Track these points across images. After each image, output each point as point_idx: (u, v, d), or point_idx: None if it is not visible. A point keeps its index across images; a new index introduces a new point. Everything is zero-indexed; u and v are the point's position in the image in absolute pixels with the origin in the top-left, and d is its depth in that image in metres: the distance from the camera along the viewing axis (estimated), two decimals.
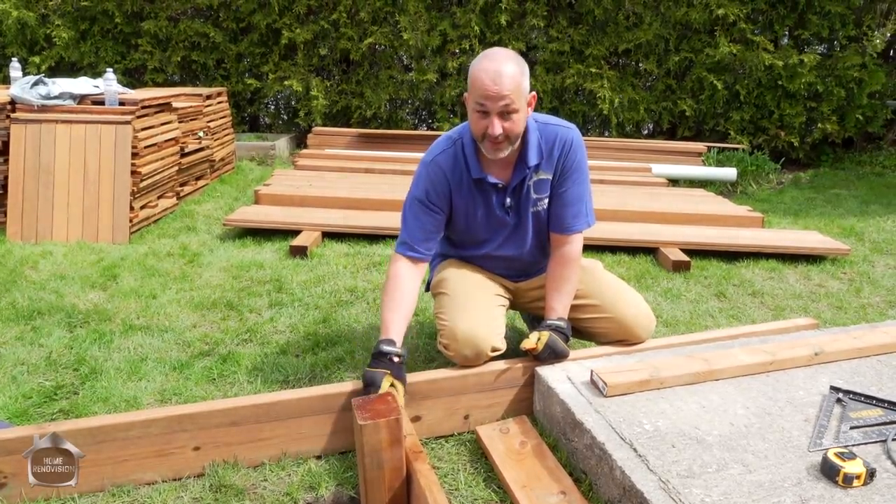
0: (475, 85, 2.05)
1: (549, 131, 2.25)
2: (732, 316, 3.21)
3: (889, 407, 1.93)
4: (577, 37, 7.14)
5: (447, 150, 2.28)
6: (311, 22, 7.40)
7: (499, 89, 2.01)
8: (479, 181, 2.25)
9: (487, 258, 2.42)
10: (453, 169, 2.26)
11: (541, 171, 2.27)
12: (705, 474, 1.64)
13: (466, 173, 2.25)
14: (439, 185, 2.26)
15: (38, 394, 2.38)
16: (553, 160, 2.26)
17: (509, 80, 2.02)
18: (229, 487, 1.90)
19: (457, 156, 2.26)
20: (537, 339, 2.20)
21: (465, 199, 2.29)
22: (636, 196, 5.09)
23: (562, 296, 2.31)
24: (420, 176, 2.29)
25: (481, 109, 2.07)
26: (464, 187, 2.27)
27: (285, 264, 3.80)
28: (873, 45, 6.92)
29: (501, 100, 2.03)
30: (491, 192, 2.28)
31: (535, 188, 2.29)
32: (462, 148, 2.25)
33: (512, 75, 2.03)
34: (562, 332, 2.25)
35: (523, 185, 2.28)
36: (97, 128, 4.28)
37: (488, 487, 1.92)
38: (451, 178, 2.26)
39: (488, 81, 2.01)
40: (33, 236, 4.15)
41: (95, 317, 3.03)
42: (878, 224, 4.93)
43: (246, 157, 6.98)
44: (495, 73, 2.01)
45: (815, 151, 7.45)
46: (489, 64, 2.03)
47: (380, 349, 2.05)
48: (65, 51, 7.62)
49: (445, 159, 2.27)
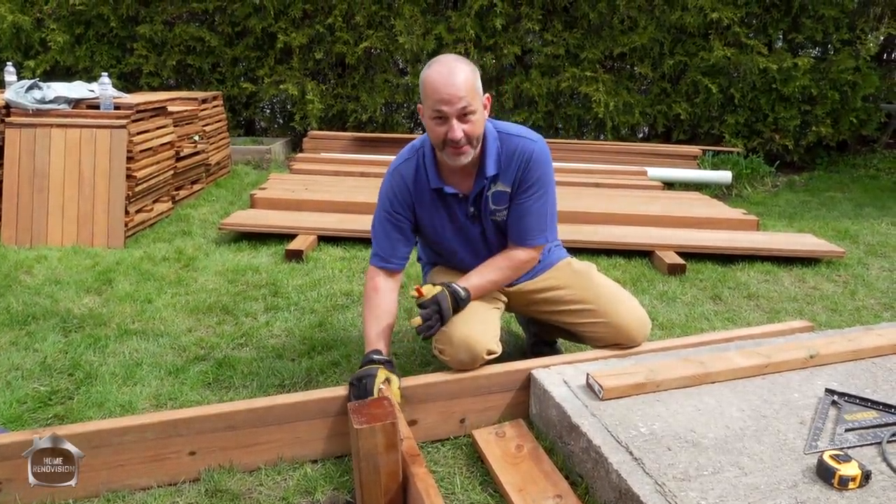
0: (429, 91, 2.04)
1: (510, 142, 2.22)
2: (728, 319, 3.22)
3: (884, 409, 1.93)
4: (572, 40, 7.16)
5: (409, 159, 2.28)
6: (306, 26, 7.41)
7: (454, 91, 2.00)
8: (438, 191, 2.25)
9: (470, 266, 2.39)
10: (415, 179, 2.26)
11: (499, 183, 2.24)
12: (701, 477, 1.65)
13: (427, 183, 2.25)
14: (401, 195, 2.27)
15: (32, 399, 2.37)
16: (511, 173, 2.22)
17: (463, 82, 2.01)
18: (225, 492, 1.90)
19: (418, 166, 2.25)
20: (430, 289, 2.17)
21: (429, 209, 2.29)
22: (631, 199, 5.10)
23: (483, 274, 2.28)
24: (384, 185, 2.30)
25: (438, 115, 2.06)
26: (426, 197, 2.27)
27: (281, 268, 3.80)
28: (867, 48, 6.95)
29: (458, 102, 2.02)
30: (452, 202, 2.27)
31: (492, 199, 2.26)
32: (423, 157, 2.25)
33: (465, 77, 2.03)
34: (458, 296, 2.19)
35: (482, 194, 2.26)
36: (92, 132, 4.28)
37: (484, 491, 1.92)
38: (412, 189, 2.26)
39: (442, 85, 2.01)
40: (28, 241, 4.14)
41: (90, 321, 3.03)
42: (872, 227, 4.95)
43: (241, 161, 6.97)
44: (448, 75, 2.01)
45: (809, 154, 7.47)
46: (440, 68, 2.03)
47: (369, 357, 2.08)
48: (60, 55, 7.61)
49: (407, 169, 2.27)
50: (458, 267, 2.43)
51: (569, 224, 4.27)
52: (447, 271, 2.47)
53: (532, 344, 2.75)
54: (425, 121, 2.12)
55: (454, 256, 2.42)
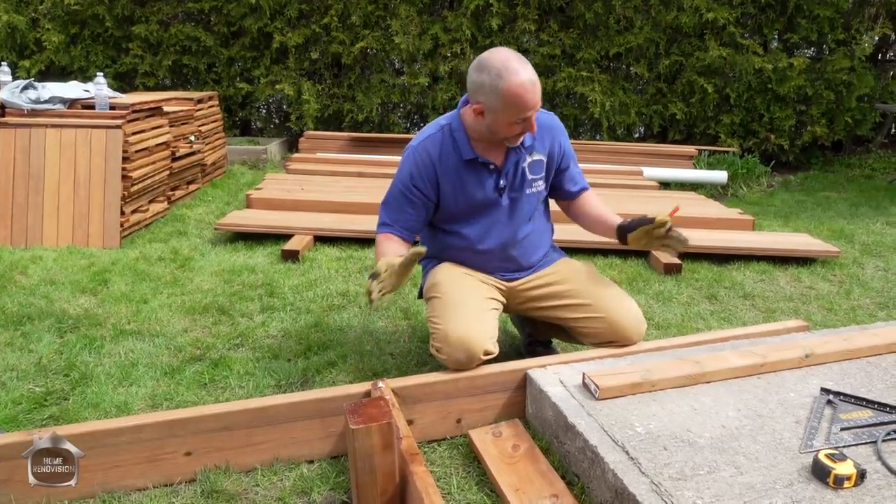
0: (518, 102, 2.09)
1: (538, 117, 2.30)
2: (723, 318, 3.22)
3: (879, 408, 1.94)
4: (567, 41, 7.16)
5: (434, 134, 2.33)
6: (302, 26, 7.40)
7: (537, 101, 2.12)
8: (471, 161, 2.29)
9: (480, 253, 2.40)
10: (440, 152, 2.30)
11: (535, 153, 2.36)
12: (697, 476, 1.65)
13: (454, 155, 2.29)
14: (425, 170, 2.30)
15: (28, 400, 2.36)
16: (546, 143, 2.38)
17: (539, 88, 2.13)
18: (221, 493, 1.90)
19: (444, 140, 2.30)
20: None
21: (453, 181, 2.31)
22: (627, 199, 5.11)
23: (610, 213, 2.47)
24: (407, 161, 2.33)
25: (523, 120, 2.14)
26: (451, 170, 2.30)
27: (277, 268, 3.80)
28: (862, 48, 6.97)
29: (538, 105, 2.14)
30: (483, 172, 2.31)
31: (530, 169, 2.36)
32: (451, 132, 2.30)
33: (537, 79, 2.13)
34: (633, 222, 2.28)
35: (517, 167, 2.33)
36: (87, 132, 4.27)
37: (481, 491, 1.92)
38: (437, 162, 2.30)
39: (530, 96, 2.10)
40: (23, 241, 4.13)
41: (86, 322, 3.02)
42: (867, 226, 4.96)
43: (237, 162, 6.96)
44: (532, 84, 2.10)
45: (804, 154, 7.49)
46: (523, 76, 2.08)
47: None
48: (55, 55, 7.58)
49: (433, 143, 2.31)
50: (467, 248, 2.41)
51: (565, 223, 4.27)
52: (452, 267, 2.43)
53: (527, 344, 2.75)
54: (498, 122, 2.16)
55: (468, 231, 2.38)
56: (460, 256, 2.45)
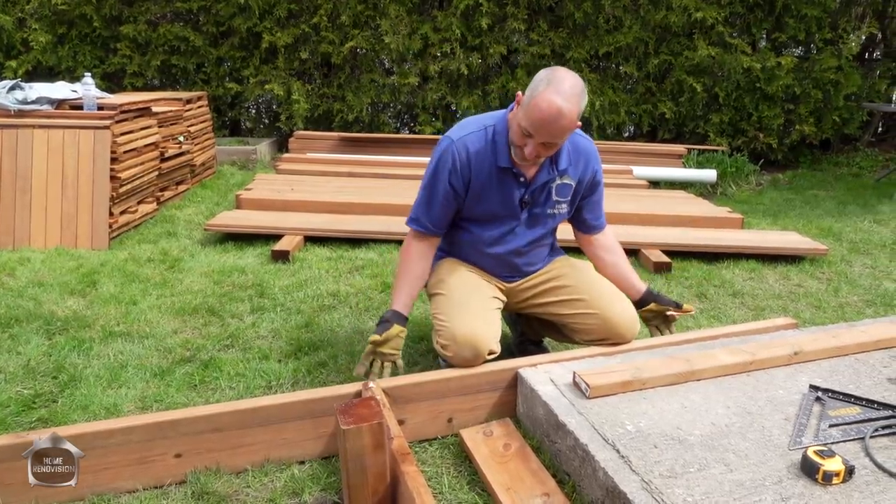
0: (533, 113, 2.05)
1: (576, 141, 2.34)
2: (713, 316, 3.24)
3: (867, 405, 1.95)
4: (557, 40, 7.18)
5: (476, 132, 2.29)
6: (291, 26, 7.37)
7: (550, 128, 2.05)
8: (505, 170, 2.27)
9: (487, 255, 2.40)
10: (478, 151, 2.27)
11: (566, 176, 2.34)
12: (687, 474, 1.66)
13: (491, 158, 2.26)
14: (461, 168, 2.27)
15: (16, 402, 2.34)
16: (578, 168, 2.36)
17: (566, 123, 2.05)
18: (212, 494, 1.89)
19: (486, 140, 2.27)
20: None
21: (484, 183, 2.29)
22: (617, 198, 5.13)
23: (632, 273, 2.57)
24: (444, 154, 2.28)
25: (528, 135, 2.10)
26: (483, 172, 2.28)
27: (267, 269, 3.78)
28: (849, 47, 7.03)
29: (550, 137, 2.08)
30: (512, 183, 2.30)
31: (556, 191, 2.35)
32: (493, 135, 2.27)
33: (569, 119, 2.05)
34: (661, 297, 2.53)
35: (545, 186, 2.32)
36: (75, 133, 4.24)
37: (472, 490, 1.92)
38: (473, 160, 2.26)
39: (545, 119, 2.04)
40: (11, 243, 4.10)
41: (74, 324, 3.00)
42: (855, 224, 5.00)
43: (227, 162, 6.93)
44: (553, 111, 2.02)
45: (793, 153, 7.54)
46: (554, 101, 2.02)
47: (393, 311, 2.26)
48: (42, 55, 7.52)
49: (473, 141, 2.27)
50: (477, 247, 2.41)
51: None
52: (456, 264, 2.44)
53: (518, 343, 2.76)
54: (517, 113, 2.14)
55: (481, 232, 2.38)
56: (468, 253, 2.45)
